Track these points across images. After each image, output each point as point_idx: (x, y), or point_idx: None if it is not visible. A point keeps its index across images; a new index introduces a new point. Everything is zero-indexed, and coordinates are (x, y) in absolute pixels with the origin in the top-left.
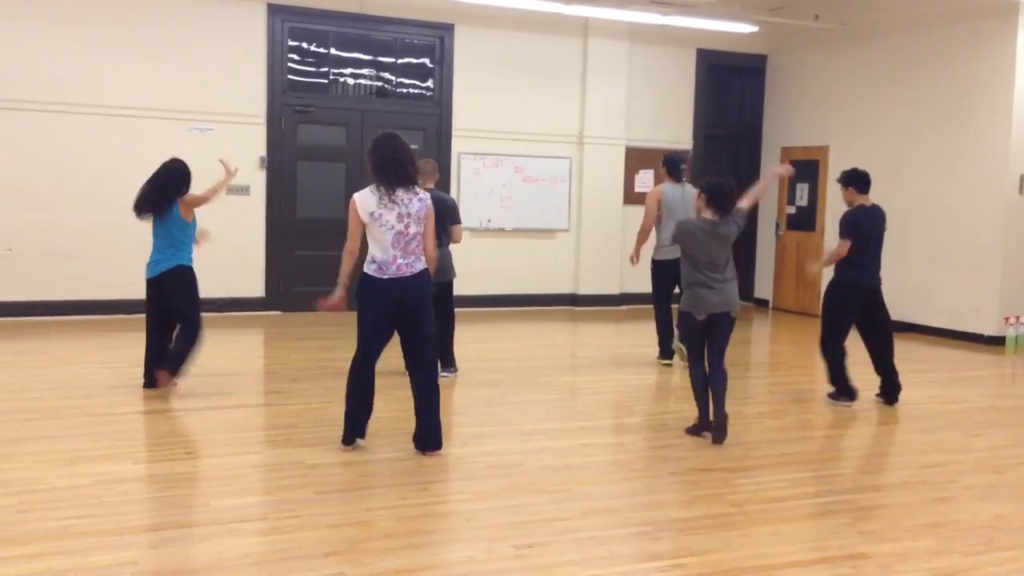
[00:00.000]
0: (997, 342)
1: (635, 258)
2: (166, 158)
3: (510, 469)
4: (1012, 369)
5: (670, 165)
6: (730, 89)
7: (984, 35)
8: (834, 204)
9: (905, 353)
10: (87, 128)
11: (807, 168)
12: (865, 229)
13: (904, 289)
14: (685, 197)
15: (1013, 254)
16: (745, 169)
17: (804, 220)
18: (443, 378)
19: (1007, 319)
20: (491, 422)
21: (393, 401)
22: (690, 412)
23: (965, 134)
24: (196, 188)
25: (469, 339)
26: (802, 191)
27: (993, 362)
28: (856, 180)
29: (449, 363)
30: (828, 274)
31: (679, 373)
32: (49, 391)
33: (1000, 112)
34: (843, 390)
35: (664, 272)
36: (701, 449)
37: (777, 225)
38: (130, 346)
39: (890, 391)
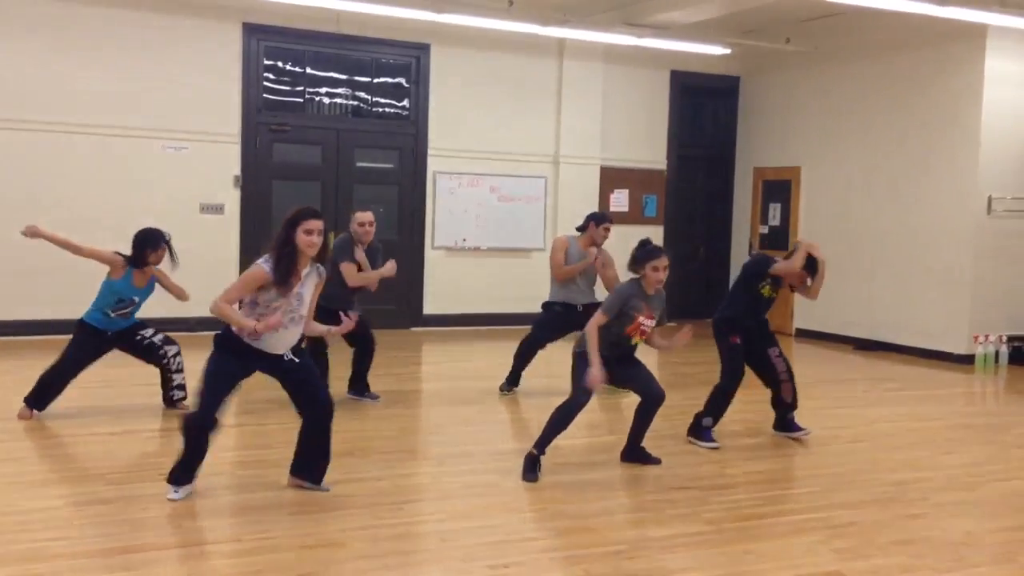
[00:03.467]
0: (967, 360)
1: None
2: (141, 177)
3: (485, 488)
4: (982, 387)
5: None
6: (704, 110)
7: (952, 58)
8: (807, 223)
9: (876, 371)
10: (60, 147)
11: (779, 188)
12: None
13: (875, 308)
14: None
15: (982, 273)
16: (718, 189)
17: (777, 240)
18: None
19: (976, 338)
20: (467, 441)
21: (365, 420)
22: (665, 432)
23: (935, 155)
24: (169, 201)
25: (444, 358)
26: (774, 211)
27: (963, 380)
28: None
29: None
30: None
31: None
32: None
33: (968, 133)
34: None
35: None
36: (677, 468)
37: (751, 245)
38: (101, 365)
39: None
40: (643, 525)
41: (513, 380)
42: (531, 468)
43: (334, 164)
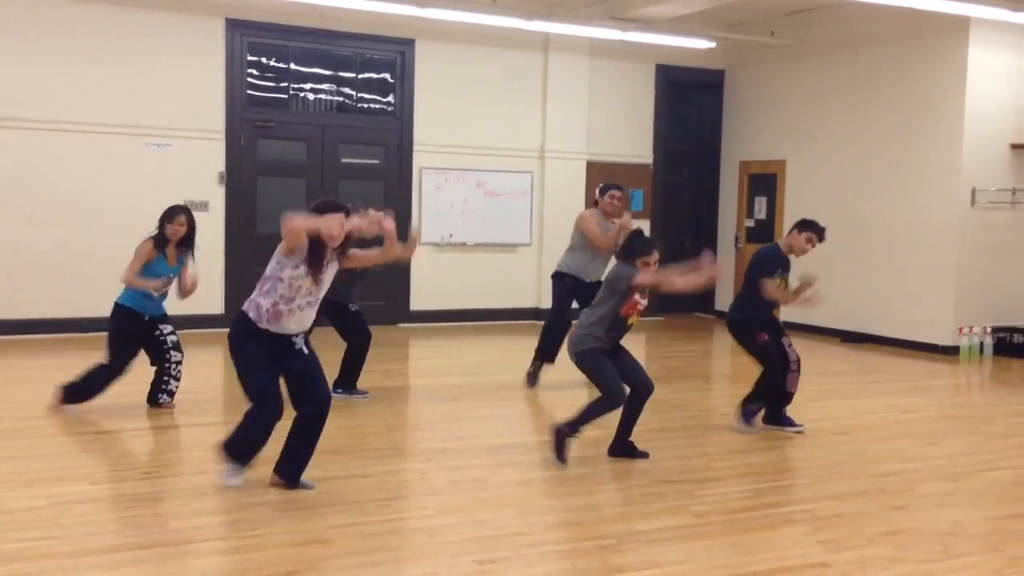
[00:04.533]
0: (952, 352)
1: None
2: (124, 174)
3: (473, 484)
4: (967, 378)
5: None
6: (689, 104)
7: (936, 50)
8: (792, 216)
9: (862, 364)
10: (42, 144)
11: (765, 182)
12: None
13: (861, 301)
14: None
15: (967, 265)
16: (704, 183)
17: (763, 233)
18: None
19: (961, 329)
20: (454, 437)
21: (352, 417)
22: (653, 425)
23: (919, 147)
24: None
25: (432, 354)
26: (760, 204)
27: (948, 371)
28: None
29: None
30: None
31: None
32: (4, 411)
33: (952, 126)
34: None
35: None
36: (664, 461)
37: (736, 239)
38: (86, 365)
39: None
40: (631, 519)
41: (549, 357)
42: (560, 449)
43: (319, 160)
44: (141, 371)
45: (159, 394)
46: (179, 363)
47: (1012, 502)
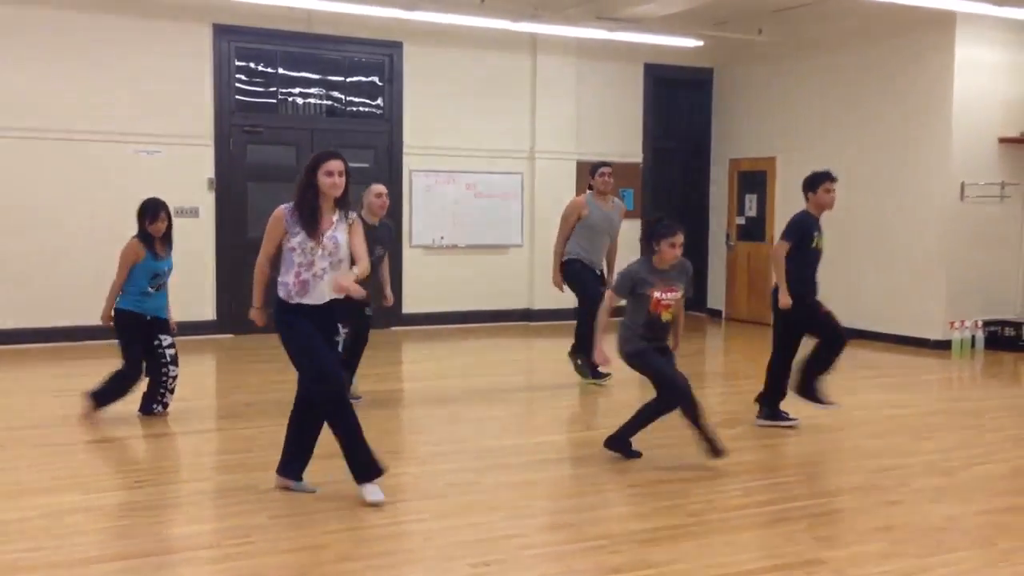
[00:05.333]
0: (943, 346)
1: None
2: (114, 182)
3: (467, 487)
4: (959, 372)
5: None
6: (678, 102)
7: (923, 46)
8: (783, 213)
9: (854, 359)
10: (30, 153)
11: (755, 179)
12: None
13: (852, 296)
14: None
15: (957, 260)
16: (694, 181)
17: (754, 231)
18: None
19: (952, 324)
20: (448, 439)
21: None
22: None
23: (908, 142)
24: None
25: (424, 357)
26: (751, 202)
27: (940, 366)
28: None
29: None
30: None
31: (637, 388)
32: None
33: (941, 121)
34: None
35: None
36: (657, 461)
37: (728, 236)
38: (78, 374)
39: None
40: (625, 519)
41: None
42: (627, 450)
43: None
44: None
45: (152, 404)
46: (175, 378)
47: (1005, 496)
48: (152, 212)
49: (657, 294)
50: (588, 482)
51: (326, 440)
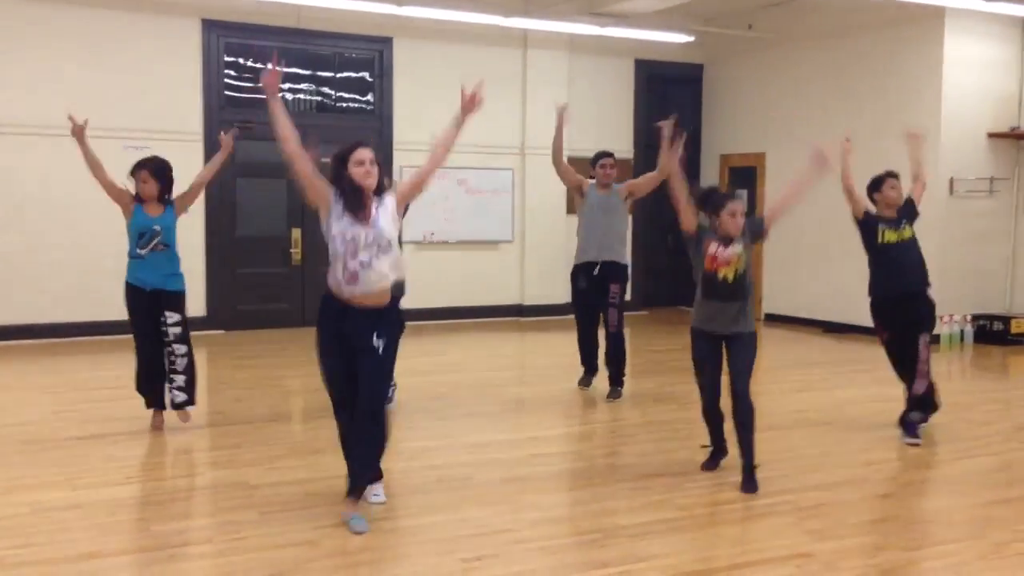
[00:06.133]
0: (933, 340)
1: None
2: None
3: (458, 482)
4: (948, 366)
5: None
6: (668, 98)
7: (912, 40)
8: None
9: (845, 353)
10: (15, 149)
11: (745, 174)
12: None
13: (842, 291)
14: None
15: (946, 254)
16: (686, 176)
17: None
18: None
19: (941, 318)
20: (439, 435)
21: None
22: (636, 419)
23: (897, 138)
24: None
25: (415, 352)
26: (741, 198)
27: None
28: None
29: None
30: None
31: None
32: None
33: (930, 116)
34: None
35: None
36: (648, 456)
37: None
38: (65, 371)
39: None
40: (615, 513)
41: (587, 370)
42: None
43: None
44: (125, 372)
45: (171, 391)
46: (183, 355)
47: (994, 488)
48: (132, 171)
49: (712, 248)
50: (578, 476)
51: (311, 436)
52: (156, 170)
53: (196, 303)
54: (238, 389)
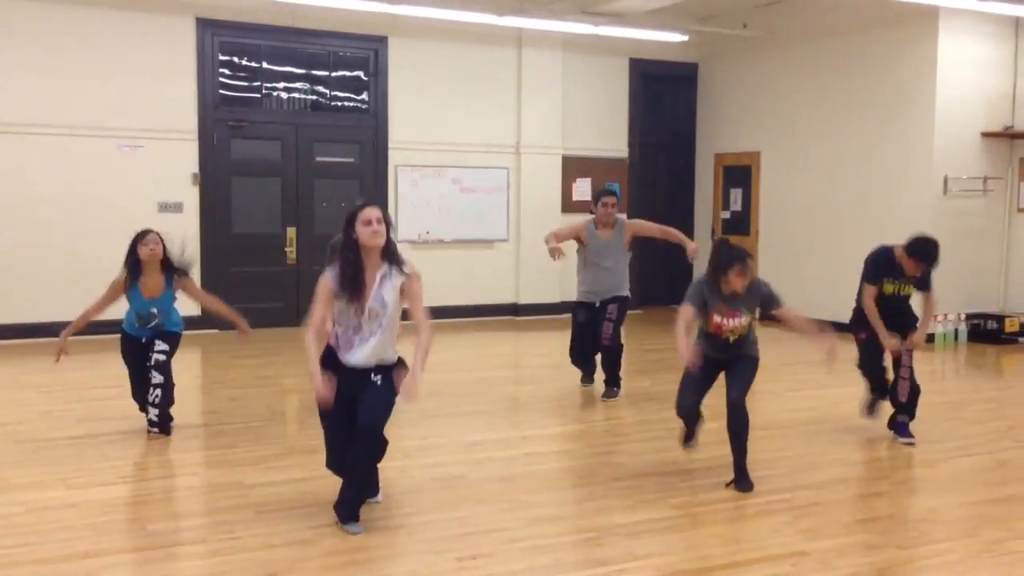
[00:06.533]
0: (927, 339)
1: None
2: (96, 176)
3: (454, 481)
4: (942, 365)
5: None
6: (663, 97)
7: (906, 39)
8: (768, 208)
9: (840, 353)
10: (9, 148)
11: (740, 174)
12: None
13: (836, 290)
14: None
15: (940, 253)
16: (680, 176)
17: (739, 224)
18: None
19: (936, 316)
20: (434, 434)
21: None
22: (631, 417)
23: (891, 136)
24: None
25: (409, 351)
26: (736, 196)
27: (924, 359)
28: None
29: None
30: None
31: (630, 389)
32: None
33: (924, 115)
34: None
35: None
36: (643, 455)
37: (713, 231)
38: (60, 370)
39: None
40: (611, 512)
41: (585, 373)
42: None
43: (293, 159)
44: (119, 372)
45: (148, 416)
46: (158, 385)
47: (987, 487)
48: (138, 236)
49: (717, 318)
50: (574, 475)
51: (307, 435)
52: (161, 237)
53: (190, 302)
54: (232, 388)
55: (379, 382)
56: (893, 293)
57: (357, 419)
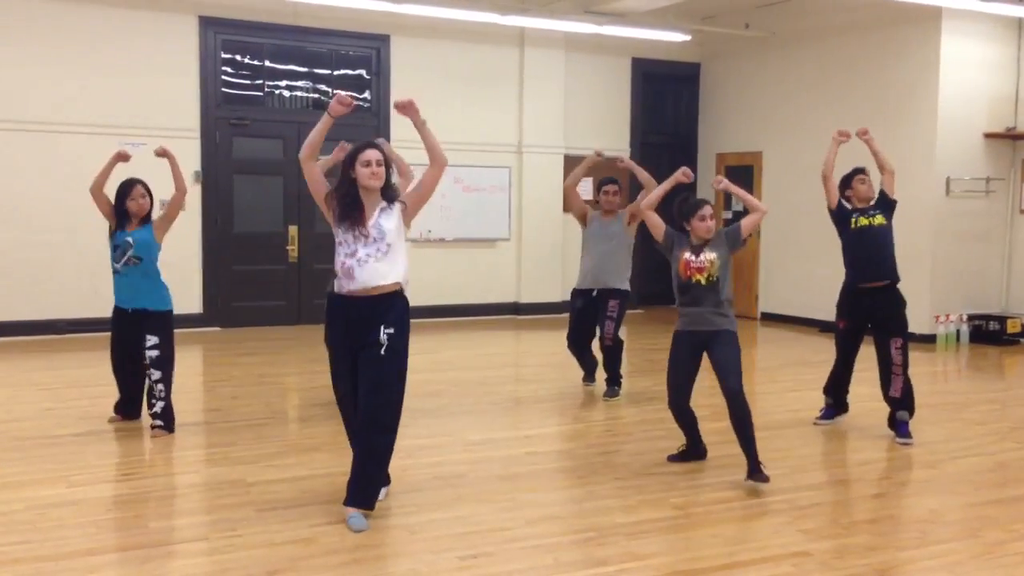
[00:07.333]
0: (929, 340)
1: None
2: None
3: (455, 480)
4: (944, 366)
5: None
6: (665, 97)
7: (909, 40)
8: (769, 207)
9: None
10: (11, 145)
11: (742, 173)
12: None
13: (837, 290)
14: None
15: (942, 254)
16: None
17: None
18: None
19: (937, 318)
20: (435, 433)
21: (335, 414)
22: (632, 417)
23: (893, 137)
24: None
25: (412, 350)
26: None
27: (925, 360)
28: None
29: None
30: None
31: (630, 388)
32: None
33: (926, 115)
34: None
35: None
36: (644, 454)
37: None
38: (60, 367)
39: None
40: (611, 512)
41: (586, 372)
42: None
43: (296, 158)
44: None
45: (151, 410)
46: (158, 380)
47: (989, 488)
48: (125, 190)
49: (687, 255)
50: (575, 475)
51: (308, 434)
52: (149, 189)
53: (192, 300)
54: (234, 386)
55: (385, 345)
56: (868, 225)
57: (359, 407)
